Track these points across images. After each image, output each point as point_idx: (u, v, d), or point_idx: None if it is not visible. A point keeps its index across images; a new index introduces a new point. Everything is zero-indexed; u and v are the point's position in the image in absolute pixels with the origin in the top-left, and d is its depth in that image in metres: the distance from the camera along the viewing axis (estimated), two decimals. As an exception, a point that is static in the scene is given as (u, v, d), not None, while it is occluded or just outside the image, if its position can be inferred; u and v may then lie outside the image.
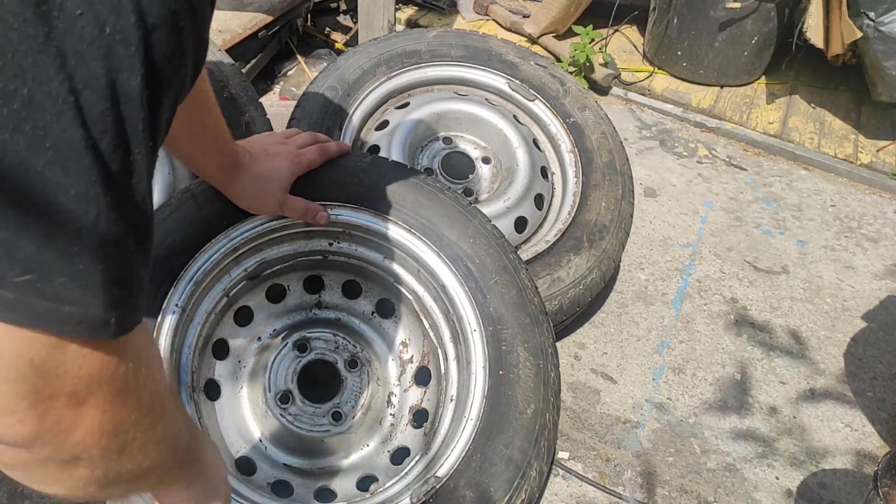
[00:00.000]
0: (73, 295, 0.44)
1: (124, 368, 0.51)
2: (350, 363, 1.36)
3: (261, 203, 1.23)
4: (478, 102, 1.75)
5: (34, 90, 0.39)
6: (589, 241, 1.61)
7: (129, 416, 0.54)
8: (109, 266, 0.45)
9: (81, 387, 0.48)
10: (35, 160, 0.40)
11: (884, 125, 2.59)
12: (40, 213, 0.41)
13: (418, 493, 1.11)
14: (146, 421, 0.56)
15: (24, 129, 0.39)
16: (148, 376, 0.55)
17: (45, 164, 0.40)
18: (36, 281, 0.42)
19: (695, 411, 1.64)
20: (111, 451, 0.54)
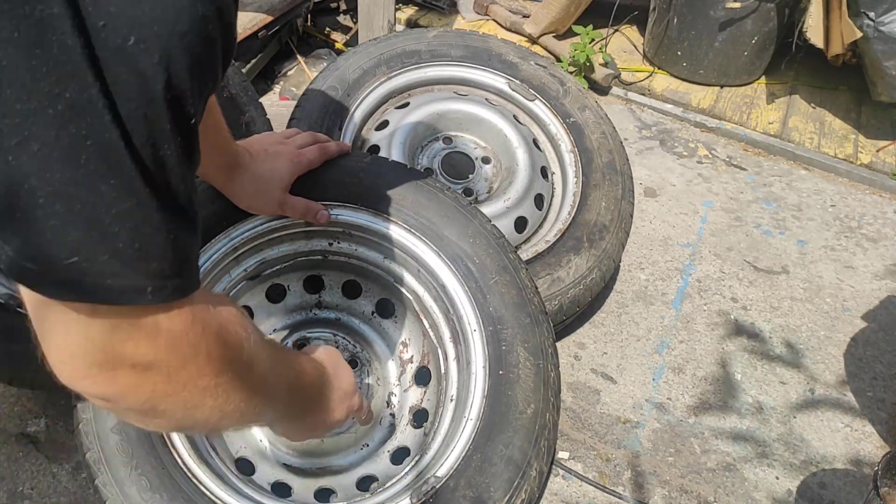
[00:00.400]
0: (114, 269, 0.50)
1: (180, 333, 0.58)
2: (350, 363, 1.35)
3: (261, 203, 1.23)
4: (478, 102, 1.75)
5: (75, 95, 0.45)
6: (589, 241, 1.61)
7: (193, 376, 0.61)
8: (143, 247, 0.51)
9: (141, 356, 0.56)
10: (78, 155, 0.46)
11: (884, 125, 2.59)
12: (84, 201, 0.47)
13: (418, 493, 1.11)
14: (218, 377, 0.63)
15: (69, 128, 0.45)
16: (210, 336, 0.61)
17: (87, 159, 0.46)
18: (82, 261, 0.49)
19: (695, 411, 1.64)
20: (185, 404, 0.62)
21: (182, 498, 1.06)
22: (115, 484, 1.06)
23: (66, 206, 0.47)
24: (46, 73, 0.44)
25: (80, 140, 0.46)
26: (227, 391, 0.66)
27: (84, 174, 0.47)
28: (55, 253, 0.48)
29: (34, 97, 0.45)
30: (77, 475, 1.42)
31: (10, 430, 1.49)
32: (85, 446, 1.09)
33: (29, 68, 0.44)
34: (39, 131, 0.45)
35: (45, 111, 0.45)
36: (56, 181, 0.46)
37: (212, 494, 1.08)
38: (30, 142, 0.45)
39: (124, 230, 0.50)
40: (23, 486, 1.41)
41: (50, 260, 0.48)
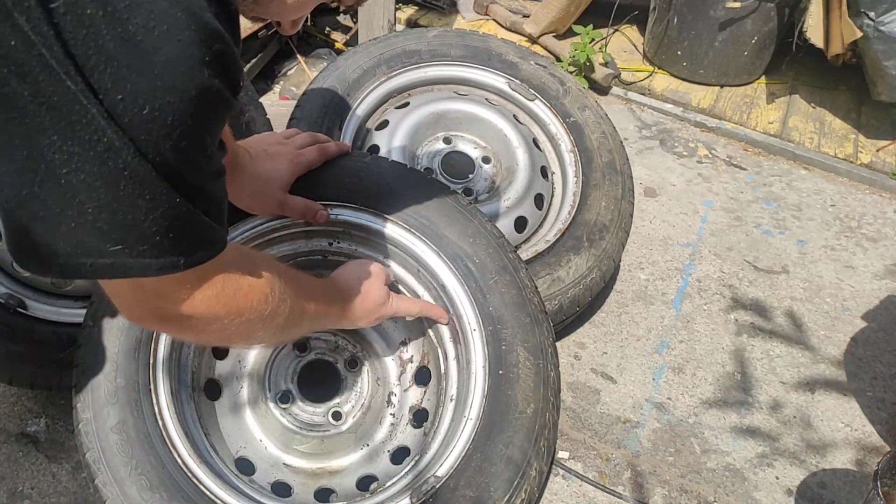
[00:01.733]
0: (153, 253, 0.63)
1: (210, 293, 0.75)
2: (350, 363, 1.36)
3: (260, 203, 1.23)
4: (478, 102, 1.75)
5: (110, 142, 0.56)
6: (589, 240, 1.61)
7: (223, 329, 0.80)
8: (178, 234, 0.64)
9: (182, 313, 0.74)
10: (118, 182, 0.58)
11: (884, 125, 2.59)
12: (125, 212, 0.60)
13: (418, 493, 1.11)
14: (252, 323, 0.82)
15: (109, 164, 0.57)
16: (239, 297, 0.79)
17: (125, 185, 0.58)
18: (125, 247, 0.62)
19: (695, 411, 1.64)
20: (221, 337, 0.83)
21: (182, 497, 1.06)
22: (114, 483, 1.06)
23: (110, 216, 0.59)
24: (83, 126, 0.55)
25: (119, 172, 0.57)
26: (259, 328, 0.85)
27: (124, 195, 0.58)
28: (100, 246, 0.61)
29: (76, 143, 0.55)
30: (77, 475, 1.42)
31: (10, 429, 1.49)
32: (85, 446, 1.09)
33: (69, 122, 0.55)
34: (85, 165, 0.56)
35: (88, 152, 0.56)
36: (101, 199, 0.58)
37: (212, 494, 1.08)
38: (78, 172, 0.56)
39: (161, 228, 0.62)
40: (23, 485, 1.41)
41: (98, 249, 0.61)
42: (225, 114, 0.66)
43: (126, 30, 0.54)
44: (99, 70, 0.54)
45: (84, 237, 0.60)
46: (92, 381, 1.13)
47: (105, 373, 1.13)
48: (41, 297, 1.46)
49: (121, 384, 1.12)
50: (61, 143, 0.55)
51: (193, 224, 0.66)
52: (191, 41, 0.57)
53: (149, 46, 0.55)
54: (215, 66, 0.60)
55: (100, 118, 0.55)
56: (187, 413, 1.19)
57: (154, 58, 0.56)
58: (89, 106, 0.54)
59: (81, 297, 1.48)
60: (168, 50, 0.56)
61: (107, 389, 1.12)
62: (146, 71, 0.55)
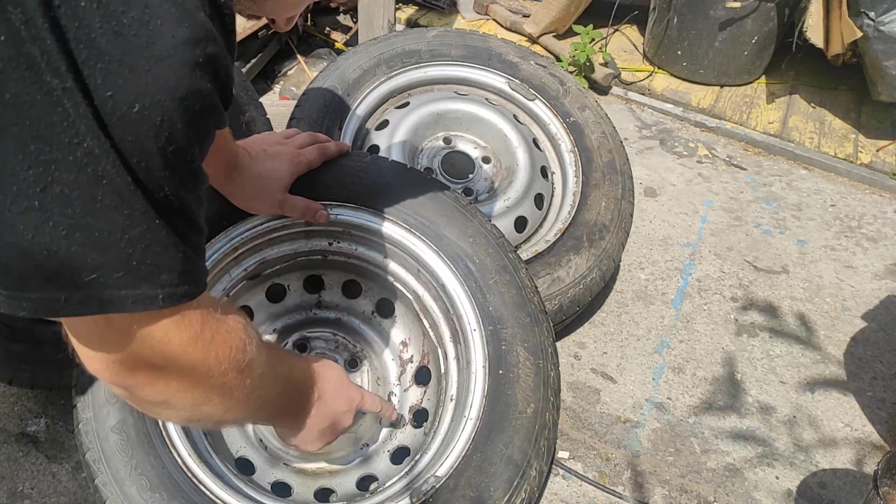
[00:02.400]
0: (128, 282, 0.59)
1: (189, 340, 0.67)
2: (350, 363, 1.36)
3: (260, 203, 1.23)
4: (478, 102, 1.75)
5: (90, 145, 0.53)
6: (589, 240, 1.61)
7: (205, 380, 0.71)
8: (156, 262, 0.60)
9: (156, 358, 0.66)
10: (95, 192, 0.55)
11: (884, 125, 2.59)
12: (101, 230, 0.56)
13: (418, 493, 1.11)
14: (226, 385, 0.73)
15: (87, 170, 0.54)
16: (219, 341, 0.71)
17: (103, 195, 0.55)
18: (100, 277, 0.57)
19: (695, 411, 1.64)
20: (196, 401, 0.72)
21: (182, 497, 1.06)
22: (114, 483, 1.06)
23: (85, 235, 0.55)
24: (63, 129, 0.52)
25: (97, 180, 0.54)
26: (231, 389, 0.75)
27: (100, 208, 0.55)
28: (76, 275, 0.56)
29: (55, 148, 0.52)
30: (77, 475, 1.42)
31: (10, 429, 1.49)
32: (85, 446, 1.09)
33: (49, 124, 0.52)
34: (61, 175, 0.53)
35: (66, 158, 0.53)
36: (77, 215, 0.54)
37: (212, 494, 1.08)
38: (53, 185, 0.53)
39: (137, 250, 0.58)
40: (23, 485, 1.41)
41: (73, 280, 0.57)
42: (214, 125, 0.63)
43: (120, 23, 0.53)
44: (90, 65, 0.52)
45: (57, 266, 0.56)
46: (92, 381, 1.13)
47: (105, 373, 1.13)
48: (41, 296, 1.45)
49: (121, 384, 1.12)
50: (38, 152, 0.52)
51: (174, 252, 0.61)
52: (183, 39, 0.55)
53: (142, 41, 0.53)
54: (207, 68, 0.58)
55: (81, 121, 0.52)
56: (187, 413, 1.19)
57: (146, 53, 0.54)
58: (71, 107, 0.52)
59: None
60: (161, 46, 0.54)
61: (107, 389, 1.12)
62: (138, 67, 0.53)
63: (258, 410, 0.85)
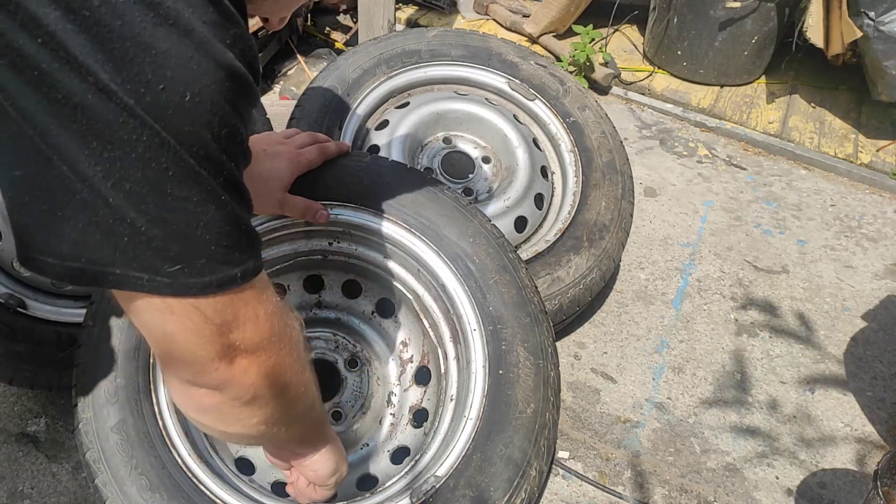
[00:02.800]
0: (210, 268, 0.61)
1: (270, 308, 0.69)
2: (350, 363, 1.36)
3: (260, 203, 1.22)
4: (478, 102, 1.75)
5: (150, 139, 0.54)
6: (589, 240, 1.61)
7: (285, 359, 0.72)
8: (229, 243, 0.62)
9: (250, 334, 0.67)
10: (165, 185, 0.56)
11: (884, 125, 2.59)
12: (177, 222, 0.57)
13: (418, 493, 1.11)
14: (297, 365, 0.75)
15: (152, 165, 0.55)
16: (290, 326, 0.74)
17: (172, 187, 0.56)
18: (184, 267, 0.59)
19: (695, 411, 1.64)
20: (278, 389, 0.73)
21: (182, 497, 1.06)
22: (114, 483, 1.06)
23: (163, 229, 0.57)
24: (120, 126, 0.52)
25: (164, 173, 0.55)
26: (303, 366, 0.78)
27: (172, 200, 0.56)
28: (160, 265, 0.58)
29: (116, 146, 0.53)
30: (77, 474, 1.42)
31: (10, 429, 1.49)
32: (85, 446, 1.09)
33: (105, 122, 0.52)
34: (127, 172, 0.54)
35: (129, 155, 0.53)
36: (152, 211, 0.56)
37: (212, 494, 1.08)
38: (122, 182, 0.54)
39: (213, 236, 0.60)
40: (23, 485, 1.41)
41: (156, 269, 0.58)
42: (251, 104, 0.64)
43: (158, 15, 0.53)
44: (138, 61, 0.52)
45: (140, 258, 0.57)
46: (92, 381, 1.13)
47: (105, 372, 1.13)
48: (41, 296, 1.46)
49: (121, 384, 1.12)
50: (101, 149, 0.53)
51: (241, 227, 0.63)
52: (214, 23, 0.57)
53: (181, 30, 0.54)
54: (236, 48, 0.59)
55: (136, 117, 0.53)
56: (187, 413, 1.19)
57: (188, 40, 0.54)
58: (124, 104, 0.52)
59: (81, 297, 1.48)
60: (197, 32, 0.55)
61: (107, 389, 1.12)
62: (182, 55, 0.54)
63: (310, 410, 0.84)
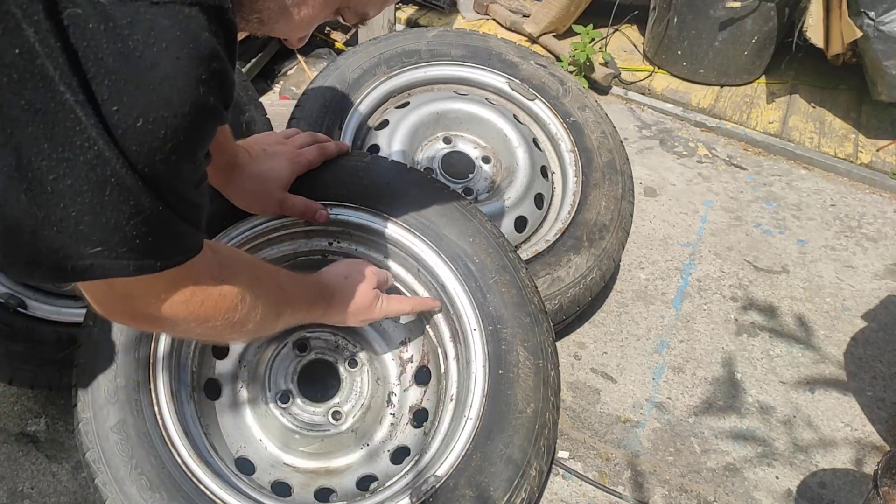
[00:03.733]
0: (130, 255, 0.66)
1: (179, 299, 0.77)
2: (350, 363, 1.36)
3: (260, 203, 1.23)
4: (478, 102, 1.75)
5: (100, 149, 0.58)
6: (589, 240, 1.61)
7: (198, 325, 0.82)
8: (154, 240, 0.66)
9: (155, 311, 0.77)
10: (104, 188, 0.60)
11: (884, 124, 2.59)
12: (108, 216, 0.62)
13: (418, 493, 1.11)
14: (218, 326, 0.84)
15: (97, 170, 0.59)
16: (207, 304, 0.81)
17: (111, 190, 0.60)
18: (104, 249, 0.64)
19: (695, 411, 1.64)
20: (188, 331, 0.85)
21: (182, 497, 1.06)
22: (114, 483, 1.06)
23: (93, 219, 0.61)
24: (75, 134, 0.57)
25: (107, 179, 0.59)
26: (228, 329, 0.87)
27: (109, 200, 0.61)
28: (80, 248, 0.63)
29: (67, 149, 0.57)
30: (77, 474, 1.42)
31: (10, 429, 1.49)
32: (85, 445, 1.09)
33: (63, 129, 0.56)
34: (73, 170, 0.58)
35: (77, 158, 0.58)
36: (86, 203, 0.60)
37: (212, 494, 1.08)
38: (65, 177, 0.59)
39: (141, 233, 0.64)
40: (23, 485, 1.41)
41: (78, 251, 0.63)
42: (216, 126, 0.68)
43: (126, 45, 0.56)
44: (97, 81, 0.56)
45: (66, 240, 0.62)
46: (92, 381, 1.13)
47: (105, 372, 1.13)
48: (41, 296, 1.46)
49: (120, 384, 1.12)
50: (51, 150, 0.57)
51: (173, 230, 0.68)
52: (189, 59, 0.59)
53: (147, 62, 0.57)
54: (211, 84, 0.62)
55: (92, 128, 0.57)
56: (187, 412, 1.19)
57: (151, 73, 0.58)
58: (83, 116, 0.56)
59: (81, 297, 1.47)
60: (166, 66, 0.58)
61: (107, 389, 1.12)
62: (143, 85, 0.57)
63: (268, 332, 1.05)
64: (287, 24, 0.79)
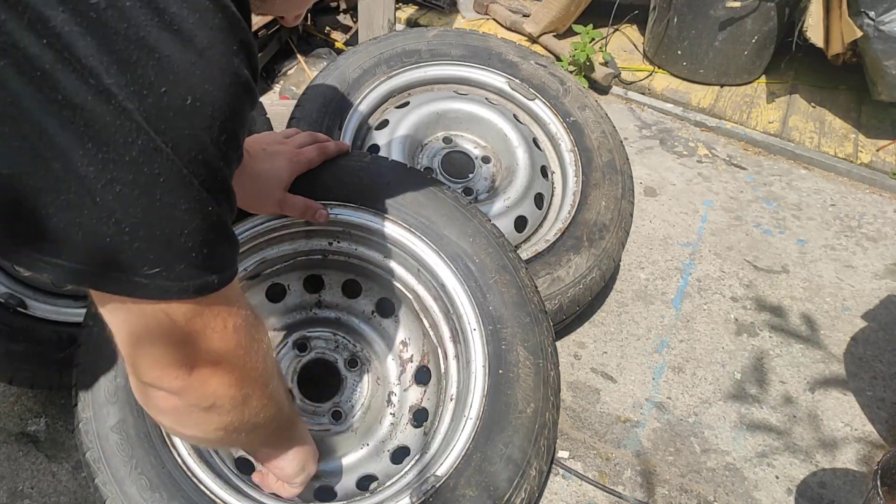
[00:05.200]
0: (188, 274, 0.61)
1: (240, 333, 0.70)
2: (350, 362, 1.36)
3: (260, 202, 1.23)
4: (478, 101, 1.75)
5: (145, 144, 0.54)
6: (589, 240, 1.61)
7: (249, 372, 0.73)
8: (210, 250, 0.62)
9: (214, 346, 0.68)
10: (154, 191, 0.56)
11: (884, 124, 2.59)
12: (162, 228, 0.58)
13: (418, 492, 1.11)
14: (262, 379, 0.76)
15: (144, 170, 0.55)
16: (257, 340, 0.74)
17: (162, 193, 0.56)
18: (163, 270, 0.59)
19: (695, 410, 1.64)
20: (238, 400, 0.74)
21: (182, 497, 1.06)
22: (114, 483, 1.06)
23: (148, 232, 0.57)
24: (117, 129, 0.53)
25: (155, 179, 0.55)
26: (266, 381, 0.78)
27: (160, 206, 0.57)
28: (139, 266, 0.59)
29: (111, 149, 0.53)
30: (77, 474, 1.42)
31: (10, 429, 1.50)
32: (85, 445, 1.09)
33: (103, 124, 0.52)
34: (119, 175, 0.54)
35: (123, 158, 0.54)
36: (139, 215, 0.56)
37: (212, 494, 1.08)
38: (113, 184, 0.54)
39: (196, 243, 0.60)
40: (23, 485, 1.41)
41: (135, 270, 0.59)
42: (252, 106, 0.64)
43: (163, 20, 0.53)
44: (142, 64, 0.53)
45: (120, 258, 0.58)
46: (92, 381, 1.13)
47: (105, 372, 1.13)
48: (41, 296, 1.46)
49: (121, 383, 1.12)
50: (96, 150, 0.53)
51: (224, 234, 0.64)
52: (221, 29, 0.57)
53: (187, 35, 0.55)
54: (241, 53, 0.59)
55: (132, 120, 0.53)
56: (187, 412, 1.18)
57: (192, 46, 0.55)
58: (122, 107, 0.53)
59: (82, 297, 1.48)
60: (203, 37, 0.56)
61: (107, 389, 1.12)
62: (186, 60, 0.55)
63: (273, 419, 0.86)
64: (287, 1, 0.80)
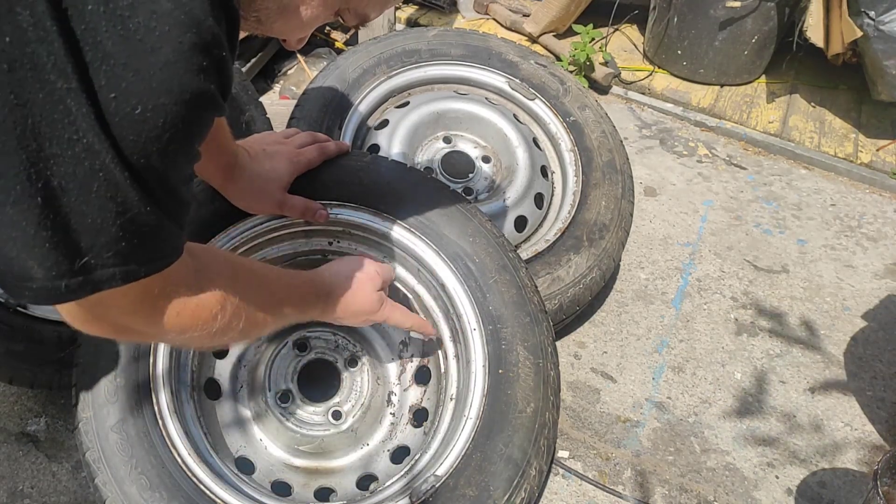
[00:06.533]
0: (116, 260, 0.62)
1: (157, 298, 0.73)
2: (350, 362, 1.36)
3: (260, 202, 1.23)
4: (478, 101, 1.75)
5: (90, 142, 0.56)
6: (589, 240, 1.61)
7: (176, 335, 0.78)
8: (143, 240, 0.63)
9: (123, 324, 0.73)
10: (91, 184, 0.57)
11: (884, 124, 2.59)
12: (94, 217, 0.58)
13: (418, 492, 1.11)
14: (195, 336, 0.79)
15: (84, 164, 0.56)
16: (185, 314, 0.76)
17: (98, 187, 0.57)
18: (91, 259, 0.60)
19: (695, 410, 1.64)
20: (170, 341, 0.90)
21: (182, 497, 1.06)
22: (114, 482, 1.06)
23: (79, 220, 0.58)
24: (64, 126, 0.54)
25: (94, 173, 0.56)
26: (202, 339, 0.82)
27: (94, 197, 0.57)
28: (71, 262, 0.59)
29: (54, 144, 0.54)
30: (77, 474, 1.42)
31: (10, 429, 1.50)
32: (85, 445, 1.09)
33: (50, 122, 0.54)
34: (59, 170, 0.55)
35: (65, 153, 0.55)
36: (72, 203, 0.57)
37: (212, 493, 1.08)
38: (52, 179, 0.55)
39: (127, 234, 0.61)
40: (23, 484, 1.41)
41: (70, 268, 0.60)
42: (214, 117, 0.65)
43: (126, 28, 0.54)
44: (94, 67, 0.54)
45: (56, 254, 0.58)
46: (92, 381, 1.13)
47: (105, 372, 1.13)
48: (41, 296, 1.45)
49: (120, 383, 1.12)
50: (38, 149, 0.54)
51: (159, 230, 0.65)
52: (191, 44, 0.57)
53: (148, 46, 0.55)
54: (211, 71, 0.59)
55: (83, 119, 0.54)
56: (187, 412, 1.19)
57: (152, 58, 0.55)
58: (73, 105, 0.54)
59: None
60: (167, 51, 0.56)
61: (107, 388, 1.12)
62: (143, 70, 0.55)
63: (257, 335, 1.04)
64: (286, 24, 0.77)
